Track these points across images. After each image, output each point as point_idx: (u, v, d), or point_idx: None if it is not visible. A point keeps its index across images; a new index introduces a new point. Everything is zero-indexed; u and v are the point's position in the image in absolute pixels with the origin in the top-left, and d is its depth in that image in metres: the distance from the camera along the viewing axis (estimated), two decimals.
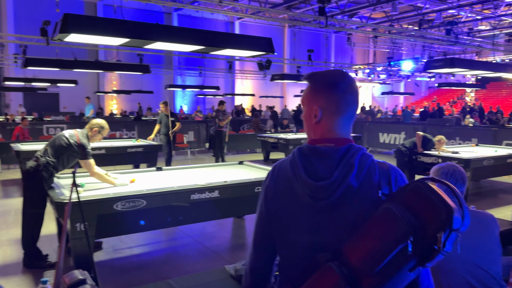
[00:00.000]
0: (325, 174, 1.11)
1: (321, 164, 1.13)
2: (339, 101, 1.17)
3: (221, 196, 3.96)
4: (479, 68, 7.24)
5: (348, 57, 24.38)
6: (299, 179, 1.14)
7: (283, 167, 1.22)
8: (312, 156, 1.15)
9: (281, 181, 1.21)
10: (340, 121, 1.18)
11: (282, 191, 1.20)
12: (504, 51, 16.40)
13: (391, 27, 15.46)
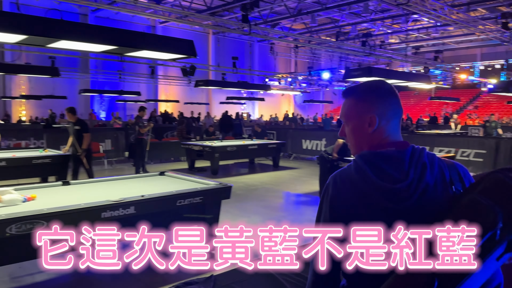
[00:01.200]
0: (400, 176, 1.12)
1: (391, 167, 1.14)
2: (391, 105, 1.22)
3: (137, 213, 3.59)
4: (393, 77, 7.65)
5: (271, 65, 24.87)
6: (370, 184, 1.13)
7: (346, 176, 1.20)
8: (379, 161, 1.15)
9: (347, 190, 1.18)
10: (394, 125, 1.23)
11: (350, 199, 1.17)
12: (411, 62, 17.81)
13: (311, 37, 16.02)
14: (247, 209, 6.74)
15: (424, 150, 1.18)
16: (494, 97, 27.62)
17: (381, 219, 1.11)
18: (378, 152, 1.17)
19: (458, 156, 9.95)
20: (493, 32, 11.56)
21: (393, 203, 1.11)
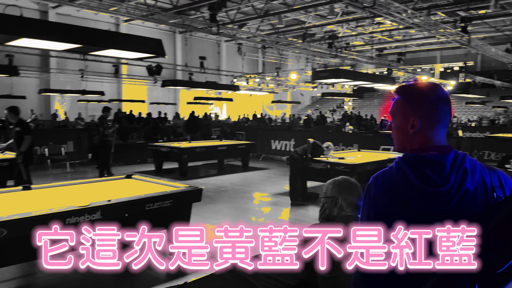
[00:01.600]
0: (440, 181, 1.14)
1: (432, 171, 1.15)
2: (438, 111, 1.22)
3: (104, 218, 3.44)
4: (359, 79, 7.79)
5: (239, 65, 24.79)
6: (411, 186, 1.15)
7: (387, 177, 1.23)
8: (421, 165, 1.17)
9: (387, 190, 1.20)
10: (438, 130, 1.22)
11: (391, 200, 1.19)
12: (375, 64, 18.27)
13: (278, 38, 16.08)
14: (217, 211, 6.66)
15: (466, 156, 1.18)
16: (453, 98, 28.79)
17: (419, 221, 1.13)
18: (420, 156, 1.20)
19: None
20: (453, 35, 12.00)
21: (432, 206, 1.14)
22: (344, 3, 13.62)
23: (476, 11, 16.35)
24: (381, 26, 19.60)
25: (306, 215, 6.48)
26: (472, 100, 21.17)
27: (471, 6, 15.73)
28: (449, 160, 1.16)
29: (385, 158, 7.84)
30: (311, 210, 6.77)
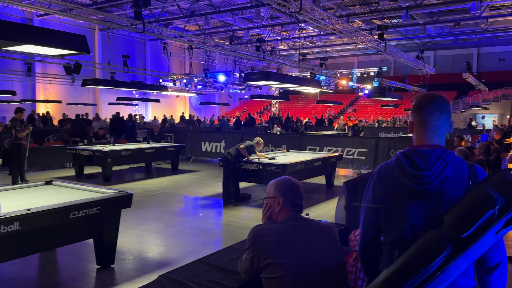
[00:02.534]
0: (425, 167, 1.50)
1: (421, 160, 1.52)
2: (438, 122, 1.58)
3: (23, 229, 3.11)
4: (288, 82, 7.99)
5: (164, 66, 24.15)
6: (403, 170, 1.54)
7: (388, 166, 1.63)
8: (413, 155, 1.54)
9: (386, 176, 1.61)
10: (436, 133, 1.59)
11: (388, 183, 1.59)
12: (300, 68, 18.94)
13: (205, 39, 15.95)
14: (147, 216, 6.39)
15: (451, 153, 1.54)
16: (370, 101, 30.84)
17: (407, 197, 1.52)
18: (414, 149, 1.58)
19: (344, 155, 10.80)
20: (371, 42, 12.84)
21: (417, 185, 1.50)
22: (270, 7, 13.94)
23: (390, 20, 17.70)
24: (304, 32, 20.39)
25: (240, 216, 6.48)
26: (386, 103, 22.82)
27: (385, 15, 17.01)
28: (436, 153, 1.52)
29: (312, 158, 8.12)
30: (245, 211, 6.78)
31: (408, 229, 1.50)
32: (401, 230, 1.52)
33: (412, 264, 1.37)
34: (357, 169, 10.83)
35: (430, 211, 1.47)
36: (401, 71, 28.72)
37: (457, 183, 1.49)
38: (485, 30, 18.74)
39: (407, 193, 1.52)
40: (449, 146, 8.96)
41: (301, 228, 2.09)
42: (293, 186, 2.18)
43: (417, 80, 24.72)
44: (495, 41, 23.53)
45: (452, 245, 1.33)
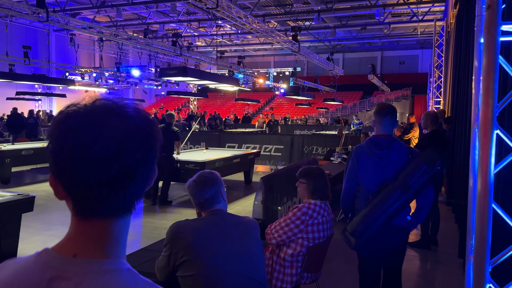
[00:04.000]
0: (382, 148, 2.70)
1: (380, 144, 2.71)
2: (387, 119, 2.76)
3: None
4: (206, 78, 7.89)
5: (71, 58, 22.45)
6: (371, 150, 2.73)
7: (361, 147, 2.82)
8: (374, 141, 2.75)
9: (363, 151, 2.78)
10: (387, 127, 2.77)
11: (363, 156, 2.76)
12: (218, 65, 18.90)
13: (117, 31, 15.15)
14: (52, 221, 5.87)
15: (397, 140, 2.74)
16: (285, 99, 31.90)
17: (374, 164, 2.72)
18: (375, 137, 2.79)
19: (262, 152, 11.03)
20: (286, 42, 13.25)
21: (379, 157, 2.70)
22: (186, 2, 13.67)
23: (303, 22, 18.46)
24: (222, 30, 20.41)
25: (157, 216, 6.24)
26: (300, 101, 23.80)
27: (299, 17, 17.69)
28: (388, 140, 2.73)
29: (231, 155, 8.14)
30: (162, 210, 6.56)
31: (375, 182, 2.71)
32: (372, 184, 2.73)
33: (381, 202, 2.53)
34: (274, 165, 11.12)
35: (385, 171, 2.69)
36: (314, 71, 30.18)
37: (400, 156, 2.71)
38: (387, 35, 20.45)
39: (373, 162, 2.72)
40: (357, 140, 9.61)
41: (221, 224, 2.05)
42: (206, 181, 2.13)
43: (328, 80, 26.14)
44: (396, 46, 25.84)
45: (401, 191, 2.50)
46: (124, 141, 0.67)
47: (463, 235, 4.47)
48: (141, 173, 0.69)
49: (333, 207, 5.75)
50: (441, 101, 10.30)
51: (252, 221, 2.20)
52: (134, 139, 0.68)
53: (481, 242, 1.51)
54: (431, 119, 4.79)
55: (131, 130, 0.68)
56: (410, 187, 2.46)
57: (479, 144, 1.52)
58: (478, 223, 1.52)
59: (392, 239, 2.67)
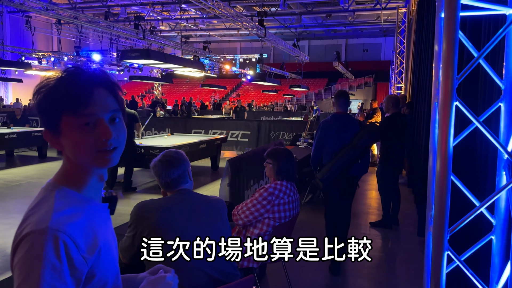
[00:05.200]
0: (338, 121, 3.75)
1: (339, 118, 3.77)
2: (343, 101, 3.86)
3: None
4: (170, 62, 7.70)
5: (27, 42, 21.34)
6: (333, 123, 3.75)
7: (327, 121, 3.79)
8: (336, 117, 3.78)
9: (328, 124, 3.77)
10: (343, 107, 3.85)
11: (328, 127, 3.75)
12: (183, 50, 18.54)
13: (77, 13, 14.51)
14: (9, 209, 5.62)
15: (350, 116, 3.89)
16: (252, 86, 31.83)
17: (335, 132, 3.71)
18: (336, 114, 3.84)
19: (229, 138, 10.97)
20: (253, 28, 13.15)
21: (340, 128, 3.72)
22: None
23: (269, 8, 18.35)
24: (186, 14, 19.97)
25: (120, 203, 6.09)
26: (267, 88, 23.81)
27: (265, 3, 17.56)
28: (343, 116, 3.81)
29: (198, 140, 8.04)
30: (126, 196, 6.42)
31: (337, 144, 3.68)
32: (335, 145, 3.70)
33: (340, 157, 3.60)
34: (241, 151, 11.10)
35: (343, 137, 3.68)
36: (280, 58, 30.22)
37: (352, 126, 3.76)
38: (352, 22, 20.71)
39: (335, 131, 3.71)
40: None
41: (188, 203, 2.02)
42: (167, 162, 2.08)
43: (294, 67, 26.29)
44: (360, 33, 26.27)
45: (354, 150, 3.58)
46: None
47: (421, 215, 4.65)
48: None
49: (299, 189, 5.84)
50: (403, 86, 10.59)
51: (219, 200, 2.17)
52: None
53: (440, 212, 1.56)
54: (392, 102, 4.91)
55: None
56: (360, 147, 3.61)
57: (439, 117, 1.56)
58: (438, 194, 1.56)
59: (347, 183, 3.81)
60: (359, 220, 5.36)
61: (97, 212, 0.98)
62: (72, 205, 0.91)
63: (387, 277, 3.71)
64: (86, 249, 0.88)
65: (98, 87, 0.94)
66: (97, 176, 1.00)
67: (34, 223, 0.84)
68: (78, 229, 0.87)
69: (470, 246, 1.79)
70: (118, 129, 0.96)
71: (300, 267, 3.73)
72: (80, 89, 0.91)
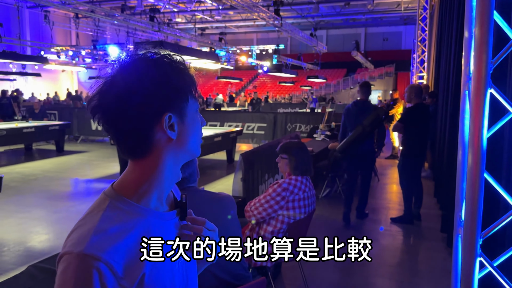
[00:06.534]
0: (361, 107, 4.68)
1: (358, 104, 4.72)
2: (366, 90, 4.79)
3: None
4: (184, 53, 7.59)
5: (47, 36, 21.59)
6: (353, 108, 4.70)
7: (349, 107, 4.77)
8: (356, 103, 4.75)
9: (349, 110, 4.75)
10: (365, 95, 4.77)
11: (351, 113, 4.70)
12: (198, 42, 18.44)
13: (94, 7, 14.54)
14: (25, 202, 5.63)
15: (368, 102, 4.82)
16: (268, 77, 31.57)
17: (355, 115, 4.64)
18: (356, 100, 4.79)
19: (245, 130, 10.84)
20: (269, 18, 12.92)
21: (357, 112, 4.65)
22: None
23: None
24: (202, 5, 19.82)
25: None
26: (284, 79, 23.53)
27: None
28: (362, 102, 4.71)
29: (212, 133, 7.94)
30: None
31: (354, 125, 4.49)
32: (352, 126, 4.51)
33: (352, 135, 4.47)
34: (257, 144, 10.96)
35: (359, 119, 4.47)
36: (297, 49, 29.82)
37: (368, 110, 4.57)
38: (371, 11, 20.19)
39: (354, 114, 4.61)
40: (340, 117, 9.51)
41: (194, 201, 1.90)
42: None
43: (311, 58, 25.89)
44: (380, 22, 25.64)
45: (363, 128, 4.38)
46: None
47: (445, 211, 4.44)
48: None
49: (316, 184, 5.67)
50: (425, 76, 10.23)
51: (227, 197, 2.05)
52: None
53: (472, 214, 1.38)
54: (415, 92, 4.66)
55: None
56: (367, 127, 4.39)
57: (470, 106, 1.38)
58: (469, 193, 1.39)
59: (363, 157, 4.70)
60: (379, 216, 5.17)
61: (157, 226, 0.83)
62: (122, 220, 0.78)
63: (409, 277, 3.53)
64: (127, 275, 0.75)
65: None
66: (175, 176, 0.87)
67: (72, 243, 0.75)
68: (120, 252, 0.75)
69: (503, 249, 1.61)
70: None
71: (317, 265, 3.59)
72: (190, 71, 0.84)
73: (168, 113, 0.79)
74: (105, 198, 0.82)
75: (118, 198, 0.80)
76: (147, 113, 0.77)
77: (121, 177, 0.84)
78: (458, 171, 1.55)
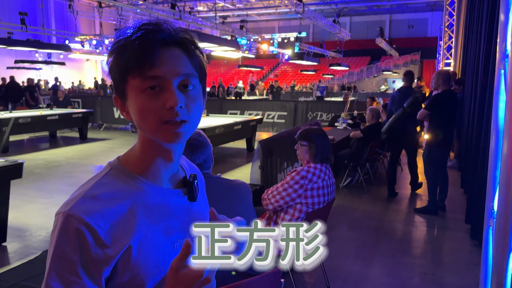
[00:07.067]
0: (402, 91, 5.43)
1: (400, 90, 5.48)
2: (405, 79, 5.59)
3: None
4: (205, 40, 7.54)
5: (71, 26, 21.92)
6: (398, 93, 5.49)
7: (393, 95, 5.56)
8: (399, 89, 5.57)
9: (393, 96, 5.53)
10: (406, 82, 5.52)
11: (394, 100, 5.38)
12: (220, 30, 18.34)
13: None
14: (48, 188, 5.73)
15: (410, 87, 5.37)
16: (290, 66, 31.24)
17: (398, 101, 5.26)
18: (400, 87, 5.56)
19: (265, 119, 10.73)
20: (291, 4, 12.69)
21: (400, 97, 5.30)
22: None
23: None
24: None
25: None
26: (306, 68, 23.21)
27: None
28: (404, 88, 5.35)
29: (232, 121, 7.88)
30: None
31: (397, 109, 5.05)
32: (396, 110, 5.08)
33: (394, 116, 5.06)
34: (277, 132, 10.85)
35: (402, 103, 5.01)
36: (319, 36, 29.31)
37: (410, 94, 5.04)
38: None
39: (397, 99, 5.22)
40: (362, 106, 9.31)
41: (208, 188, 1.84)
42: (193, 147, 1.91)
43: (334, 45, 25.41)
44: (405, 8, 24.89)
45: (404, 110, 4.92)
46: None
47: (471, 201, 4.25)
48: None
49: (336, 173, 5.55)
50: (452, 62, 9.86)
51: (242, 184, 1.99)
52: None
53: (506, 205, 1.27)
54: (443, 78, 4.46)
55: None
56: (408, 107, 4.84)
57: (506, 87, 1.26)
58: (503, 183, 1.27)
59: (405, 136, 5.14)
60: (402, 206, 5.02)
61: (156, 201, 0.82)
62: (115, 188, 0.79)
63: (432, 269, 3.40)
64: (111, 242, 0.74)
65: (171, 46, 0.77)
66: (163, 156, 0.83)
67: (63, 204, 0.77)
68: (106, 218, 0.74)
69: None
70: (191, 99, 0.78)
71: (337, 256, 3.50)
72: (147, 47, 0.75)
73: (114, 92, 0.81)
74: (107, 166, 0.85)
75: (119, 167, 0.83)
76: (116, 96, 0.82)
77: (129, 149, 0.87)
78: (490, 159, 1.43)
